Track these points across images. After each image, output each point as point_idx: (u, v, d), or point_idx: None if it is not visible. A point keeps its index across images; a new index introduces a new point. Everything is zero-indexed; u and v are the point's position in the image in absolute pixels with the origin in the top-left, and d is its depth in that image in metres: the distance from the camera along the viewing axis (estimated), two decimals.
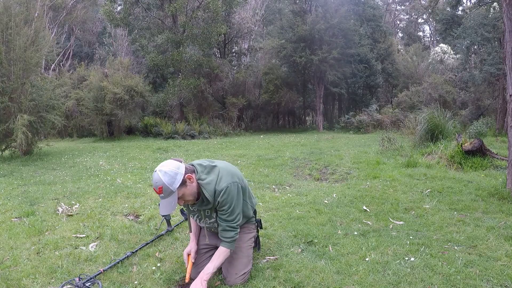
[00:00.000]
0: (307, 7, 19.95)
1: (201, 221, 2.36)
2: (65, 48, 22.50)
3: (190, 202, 2.18)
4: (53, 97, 10.00)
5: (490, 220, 3.20)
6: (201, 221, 2.36)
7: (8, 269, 2.46)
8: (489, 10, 13.98)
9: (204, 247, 2.43)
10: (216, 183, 2.14)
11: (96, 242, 2.95)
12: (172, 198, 2.02)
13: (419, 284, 2.14)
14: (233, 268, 2.27)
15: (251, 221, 2.50)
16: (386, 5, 36.19)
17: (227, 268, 2.29)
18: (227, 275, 2.27)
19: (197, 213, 2.33)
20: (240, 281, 2.23)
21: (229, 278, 2.25)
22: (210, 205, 2.19)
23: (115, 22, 16.74)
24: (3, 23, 8.54)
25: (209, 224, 2.33)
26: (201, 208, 2.24)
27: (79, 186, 5.22)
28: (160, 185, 1.97)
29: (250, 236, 2.47)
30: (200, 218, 2.35)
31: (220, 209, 2.19)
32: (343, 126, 19.31)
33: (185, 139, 14.92)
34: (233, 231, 2.20)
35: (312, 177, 5.82)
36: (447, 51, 21.01)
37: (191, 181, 2.09)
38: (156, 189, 1.98)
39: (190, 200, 2.15)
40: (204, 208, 2.24)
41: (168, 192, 1.99)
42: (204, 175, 2.17)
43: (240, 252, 2.34)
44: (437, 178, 4.87)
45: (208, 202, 2.17)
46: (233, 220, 2.19)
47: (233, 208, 2.17)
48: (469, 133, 9.48)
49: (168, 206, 2.03)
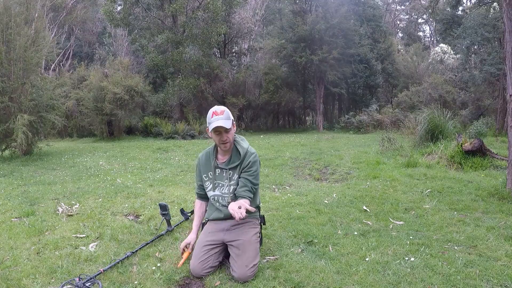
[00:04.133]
0: (307, 7, 19.95)
1: (217, 188, 2.50)
2: (65, 48, 22.50)
3: (227, 146, 2.40)
4: (53, 97, 10.01)
5: (490, 220, 3.20)
6: (217, 189, 2.50)
7: (8, 269, 2.45)
8: (489, 10, 13.99)
9: (209, 243, 2.42)
10: (248, 147, 2.49)
11: (96, 242, 2.95)
12: (228, 121, 2.34)
13: (419, 284, 2.14)
14: (242, 260, 2.27)
15: (255, 215, 2.57)
16: (386, 5, 36.19)
17: (235, 261, 2.29)
18: (237, 268, 2.25)
19: (218, 178, 2.50)
20: (250, 273, 2.23)
21: (239, 271, 2.23)
22: (238, 162, 2.43)
23: (115, 22, 16.74)
24: (4, 23, 8.54)
25: (226, 189, 2.48)
26: (227, 167, 2.45)
27: (79, 186, 5.22)
28: (224, 110, 2.36)
29: (256, 230, 2.53)
30: (216, 186, 2.50)
31: (248, 170, 2.43)
32: (343, 126, 19.31)
33: (185, 139, 14.92)
34: (252, 193, 2.44)
35: (312, 177, 5.82)
36: (447, 51, 21.02)
37: (234, 128, 2.44)
38: (218, 111, 2.34)
39: (228, 144, 2.39)
40: (230, 167, 2.45)
41: (227, 116, 2.35)
42: (238, 138, 2.52)
43: (249, 245, 2.36)
44: (437, 178, 4.87)
45: (237, 158, 2.44)
46: (256, 185, 2.48)
47: (258, 174, 2.48)
48: (469, 133, 9.48)
49: (226, 123, 2.32)
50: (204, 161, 2.59)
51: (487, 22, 12.87)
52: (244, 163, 2.44)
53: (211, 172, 2.52)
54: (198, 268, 2.29)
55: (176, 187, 5.07)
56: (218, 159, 2.53)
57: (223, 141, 2.37)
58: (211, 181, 2.53)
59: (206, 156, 2.59)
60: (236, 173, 2.46)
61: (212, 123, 2.31)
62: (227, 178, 2.48)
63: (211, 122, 2.33)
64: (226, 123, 2.31)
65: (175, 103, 17.36)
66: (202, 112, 18.14)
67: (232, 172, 2.46)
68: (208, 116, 2.36)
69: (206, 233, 2.51)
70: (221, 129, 2.32)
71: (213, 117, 2.33)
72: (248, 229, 2.47)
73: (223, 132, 2.34)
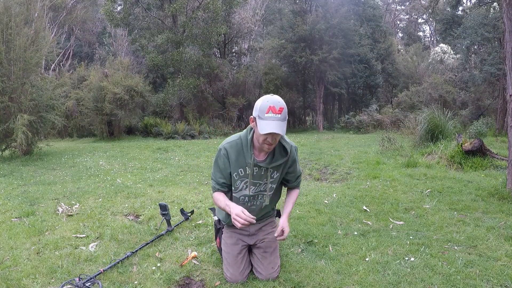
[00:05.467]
0: (307, 7, 19.95)
1: (252, 187, 2.16)
2: (65, 48, 22.50)
3: (271, 149, 2.03)
4: (53, 97, 10.00)
5: (490, 220, 3.20)
6: (252, 188, 2.16)
7: (8, 269, 2.45)
8: (489, 10, 13.98)
9: (241, 251, 2.31)
10: (291, 142, 2.18)
11: (96, 242, 2.95)
12: (284, 123, 1.93)
13: (419, 284, 2.14)
14: (269, 262, 2.27)
15: (272, 214, 2.52)
16: (386, 5, 36.19)
17: (261, 263, 2.28)
18: (263, 270, 2.26)
19: (255, 178, 2.13)
20: (276, 274, 2.26)
21: (265, 273, 2.24)
22: (283, 159, 2.12)
23: (115, 22, 16.74)
24: (3, 23, 8.54)
25: (263, 187, 2.18)
26: (270, 165, 2.10)
27: (79, 186, 5.22)
28: (283, 107, 1.89)
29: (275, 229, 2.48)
30: (248, 185, 2.15)
31: (293, 164, 2.22)
32: (343, 126, 19.31)
33: (185, 139, 14.92)
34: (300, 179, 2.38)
35: (312, 177, 5.82)
36: (447, 51, 21.02)
37: None
38: (276, 107, 1.86)
39: (272, 147, 2.02)
40: (273, 165, 2.10)
41: (284, 116, 1.90)
42: None
43: (273, 246, 2.36)
44: (437, 178, 4.87)
45: (281, 156, 2.12)
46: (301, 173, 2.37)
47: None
48: (469, 133, 9.48)
49: (283, 127, 1.91)
50: (235, 156, 2.10)
51: (487, 22, 12.87)
52: (289, 162, 2.18)
53: (244, 169, 2.12)
54: (240, 277, 2.24)
55: (176, 187, 5.07)
56: (255, 156, 2.11)
57: (269, 143, 1.97)
58: (244, 180, 2.14)
59: (236, 151, 2.10)
60: (279, 172, 2.17)
61: (267, 125, 1.86)
62: (267, 177, 2.15)
63: (264, 119, 1.87)
64: (282, 127, 1.89)
65: (175, 103, 17.36)
66: (202, 112, 18.15)
67: (273, 171, 2.15)
68: (262, 108, 1.88)
69: (234, 241, 2.32)
70: (276, 136, 1.93)
71: (269, 114, 1.86)
72: (270, 229, 2.39)
73: (274, 136, 1.93)
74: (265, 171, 2.12)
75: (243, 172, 2.12)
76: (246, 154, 2.08)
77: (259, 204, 2.25)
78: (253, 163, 2.08)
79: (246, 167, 2.10)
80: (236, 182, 2.15)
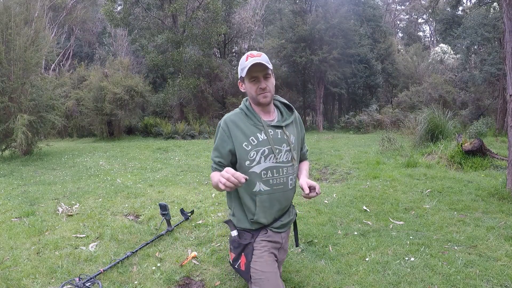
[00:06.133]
0: (307, 7, 19.95)
1: (272, 157, 1.78)
2: (65, 48, 22.50)
3: (267, 96, 1.75)
4: (53, 97, 10.01)
5: (490, 220, 3.20)
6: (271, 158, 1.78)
7: (8, 269, 2.45)
8: (489, 10, 13.99)
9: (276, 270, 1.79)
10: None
11: (96, 242, 2.95)
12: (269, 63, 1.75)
13: (419, 284, 2.14)
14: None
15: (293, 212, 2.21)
16: (386, 5, 36.19)
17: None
18: None
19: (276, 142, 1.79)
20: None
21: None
22: (292, 117, 1.89)
23: (115, 22, 16.74)
24: (3, 23, 8.54)
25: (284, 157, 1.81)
26: (283, 123, 1.83)
27: (79, 186, 5.22)
28: (262, 53, 1.75)
29: None
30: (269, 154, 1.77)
31: (302, 128, 1.99)
32: (343, 126, 19.31)
33: (185, 139, 14.92)
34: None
35: (312, 177, 5.82)
36: (447, 51, 21.02)
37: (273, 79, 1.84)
38: (254, 53, 1.73)
39: (269, 94, 1.76)
40: (286, 123, 1.84)
41: (265, 59, 1.74)
42: None
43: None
44: (437, 178, 4.87)
45: (290, 112, 1.92)
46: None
47: None
48: (469, 133, 9.48)
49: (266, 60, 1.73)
50: (242, 124, 1.79)
51: (487, 22, 12.88)
52: (299, 123, 1.96)
53: (256, 136, 1.77)
54: None
55: (176, 187, 5.07)
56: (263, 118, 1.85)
57: (262, 88, 1.74)
58: (260, 149, 1.76)
59: (240, 120, 1.81)
60: (293, 133, 1.88)
61: (248, 65, 1.69)
62: (284, 141, 1.82)
63: (246, 65, 1.71)
64: (265, 60, 1.72)
65: (175, 103, 17.36)
66: (202, 112, 18.14)
67: (290, 134, 1.86)
68: (242, 61, 1.75)
69: (272, 258, 1.81)
70: (258, 73, 1.72)
71: (248, 60, 1.71)
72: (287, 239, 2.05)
73: (261, 78, 1.73)
74: (282, 133, 1.82)
75: (256, 140, 1.77)
76: (253, 118, 1.80)
77: (285, 182, 1.83)
78: (264, 123, 1.79)
79: (258, 134, 1.77)
80: (249, 153, 1.76)
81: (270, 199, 1.80)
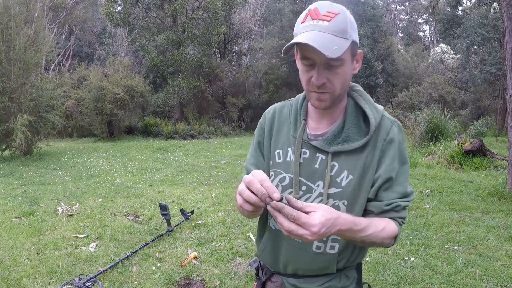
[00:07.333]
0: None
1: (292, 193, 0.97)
2: (65, 48, 22.49)
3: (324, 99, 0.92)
4: (53, 97, 10.01)
5: (490, 220, 3.20)
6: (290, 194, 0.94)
7: (8, 269, 2.45)
8: (489, 10, 14.00)
9: None
10: (383, 111, 0.99)
11: (96, 242, 2.95)
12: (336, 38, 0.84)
13: (419, 284, 2.14)
14: None
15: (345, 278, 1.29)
16: (386, 5, 36.19)
17: None
18: None
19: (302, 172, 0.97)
20: None
21: None
22: (364, 139, 0.93)
23: (115, 22, 16.75)
24: (3, 23, 8.54)
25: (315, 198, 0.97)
26: (331, 145, 0.95)
27: (79, 186, 5.22)
28: (336, 11, 0.86)
29: None
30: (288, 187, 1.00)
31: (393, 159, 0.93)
32: None
33: (185, 139, 14.92)
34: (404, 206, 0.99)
35: None
36: (447, 51, 21.02)
37: (358, 64, 1.01)
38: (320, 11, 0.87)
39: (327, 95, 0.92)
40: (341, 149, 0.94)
41: (335, 25, 0.85)
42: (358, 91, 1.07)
43: None
44: (437, 178, 4.87)
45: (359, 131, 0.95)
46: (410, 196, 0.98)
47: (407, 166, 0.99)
48: (469, 133, 9.48)
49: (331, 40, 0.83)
50: (279, 124, 1.07)
51: (487, 22, 12.88)
52: (379, 148, 0.94)
53: (285, 152, 1.02)
54: None
55: (176, 187, 5.07)
56: (309, 126, 1.02)
57: (316, 85, 0.89)
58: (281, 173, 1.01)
59: (283, 116, 1.07)
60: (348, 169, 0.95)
61: (297, 37, 0.86)
62: (324, 176, 0.95)
63: (295, 34, 0.91)
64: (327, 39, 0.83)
65: (175, 103, 17.36)
66: (202, 112, 18.14)
67: (341, 166, 0.95)
68: (299, 18, 0.91)
69: None
70: (315, 56, 0.87)
71: (305, 22, 0.88)
72: None
73: (318, 65, 0.88)
74: (323, 162, 0.96)
75: (281, 158, 1.02)
76: (293, 122, 1.03)
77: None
78: (301, 134, 0.98)
79: (288, 149, 1.01)
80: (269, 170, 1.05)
81: (280, 246, 1.04)
